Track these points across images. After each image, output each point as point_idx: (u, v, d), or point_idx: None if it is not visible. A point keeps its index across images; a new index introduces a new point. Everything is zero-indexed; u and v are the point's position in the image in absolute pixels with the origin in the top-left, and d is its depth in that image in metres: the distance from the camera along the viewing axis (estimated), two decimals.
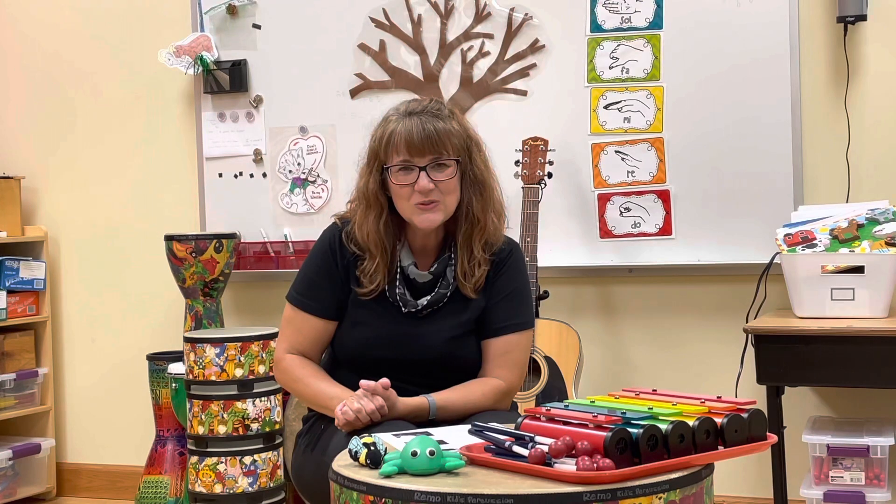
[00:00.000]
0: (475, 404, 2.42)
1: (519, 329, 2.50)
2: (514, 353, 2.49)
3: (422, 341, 2.45)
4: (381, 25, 3.90)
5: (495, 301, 2.49)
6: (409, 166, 2.38)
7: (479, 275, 2.46)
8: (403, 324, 2.46)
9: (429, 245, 2.50)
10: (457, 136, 2.40)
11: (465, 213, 2.44)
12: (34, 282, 4.26)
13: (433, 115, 2.40)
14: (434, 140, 2.36)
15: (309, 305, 2.51)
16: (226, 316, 4.08)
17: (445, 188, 2.38)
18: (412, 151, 2.37)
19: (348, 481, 1.83)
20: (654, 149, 3.61)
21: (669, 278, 3.67)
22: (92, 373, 4.41)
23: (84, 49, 4.36)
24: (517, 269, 2.53)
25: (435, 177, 2.37)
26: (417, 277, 2.47)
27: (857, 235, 3.14)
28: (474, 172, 2.44)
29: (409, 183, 2.38)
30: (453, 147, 2.39)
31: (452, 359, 2.47)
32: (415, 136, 2.36)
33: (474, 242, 2.45)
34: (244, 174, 4.10)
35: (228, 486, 3.24)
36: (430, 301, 2.46)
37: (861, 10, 3.35)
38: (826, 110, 3.49)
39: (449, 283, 2.47)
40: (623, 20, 3.63)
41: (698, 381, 3.62)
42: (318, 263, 2.53)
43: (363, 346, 2.47)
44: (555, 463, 1.76)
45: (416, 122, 2.38)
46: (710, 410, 1.91)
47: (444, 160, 2.38)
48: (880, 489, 3.10)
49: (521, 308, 2.52)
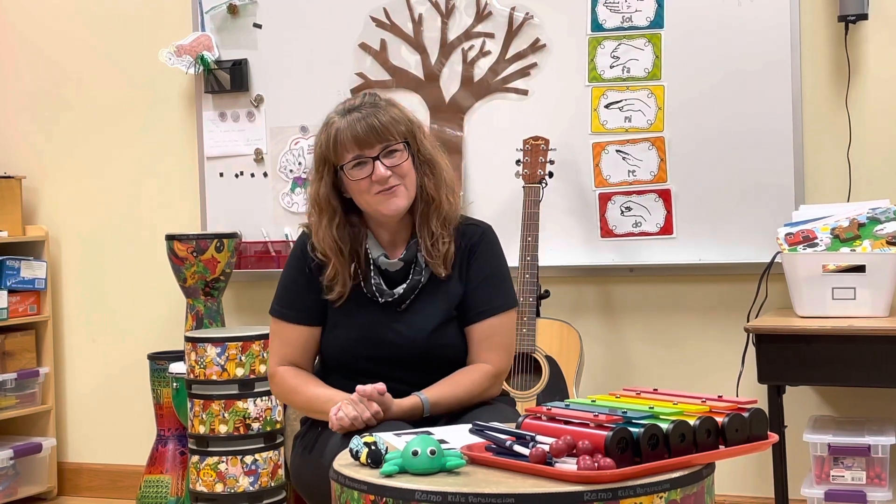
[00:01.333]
0: (467, 393, 2.44)
1: (500, 311, 2.51)
2: (497, 335, 2.51)
3: (404, 335, 2.47)
4: (382, 25, 3.90)
5: (474, 286, 2.51)
6: (361, 160, 2.42)
7: (443, 250, 2.48)
8: (383, 320, 2.48)
9: (398, 239, 2.52)
10: (399, 121, 2.45)
11: (420, 192, 2.48)
12: (35, 281, 4.27)
13: (371, 106, 2.45)
14: (378, 129, 2.41)
15: (290, 315, 2.53)
16: (227, 315, 4.08)
17: (401, 171, 2.43)
18: (361, 145, 2.41)
19: (349, 481, 1.83)
20: (655, 148, 3.61)
21: (670, 278, 3.67)
22: (93, 372, 4.41)
23: (85, 49, 4.36)
24: (491, 252, 2.56)
25: (389, 163, 2.42)
26: (389, 267, 2.49)
27: (858, 235, 3.14)
28: (422, 153, 2.49)
29: (365, 176, 2.42)
30: (398, 132, 2.44)
31: (437, 349, 2.48)
32: (359, 130, 2.41)
33: (431, 220, 2.48)
34: (245, 174, 4.10)
35: (229, 486, 3.24)
36: (407, 288, 2.48)
37: (862, 9, 3.35)
38: (827, 109, 3.49)
39: (422, 269, 2.49)
40: (624, 19, 3.63)
41: (699, 380, 3.62)
42: (292, 273, 2.57)
43: (347, 347, 2.49)
44: (556, 462, 1.76)
45: (357, 116, 2.42)
46: (711, 410, 1.91)
47: (392, 146, 2.42)
48: (881, 488, 3.10)
49: (500, 290, 2.54)
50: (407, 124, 2.47)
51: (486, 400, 2.50)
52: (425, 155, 2.49)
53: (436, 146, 2.54)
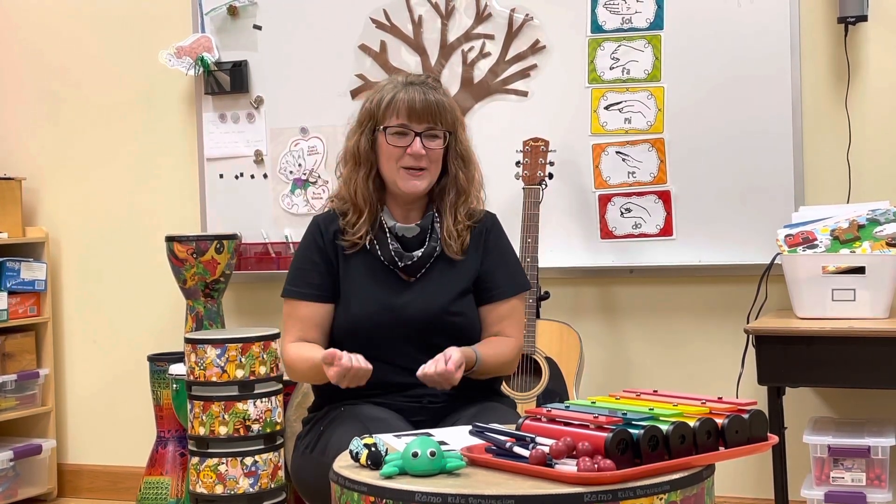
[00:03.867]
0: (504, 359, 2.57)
1: (521, 290, 2.66)
2: (517, 312, 2.65)
3: (419, 304, 2.53)
4: (382, 26, 3.90)
5: (494, 266, 2.62)
6: (405, 131, 2.51)
7: (462, 237, 2.58)
8: (399, 289, 2.54)
9: (410, 215, 2.60)
10: (450, 111, 2.56)
11: (453, 182, 2.59)
12: (35, 283, 4.27)
13: (432, 87, 2.55)
14: (434, 110, 2.51)
15: (302, 293, 2.58)
16: (227, 317, 4.08)
17: (433, 157, 2.53)
18: (412, 117, 2.51)
19: (349, 482, 1.83)
20: (655, 149, 3.61)
21: (670, 279, 3.67)
22: (93, 374, 4.41)
23: (85, 50, 4.36)
24: (505, 237, 2.70)
25: (427, 144, 2.51)
26: (405, 233, 2.56)
27: (857, 236, 3.14)
28: (460, 147, 2.59)
29: (402, 145, 2.50)
30: (446, 121, 2.54)
31: (451, 317, 2.54)
32: (417, 103, 2.50)
33: (459, 209, 2.59)
34: (245, 175, 4.10)
35: (229, 487, 3.24)
36: (424, 253, 2.55)
37: (862, 10, 3.35)
38: (827, 111, 3.49)
39: (437, 238, 2.58)
40: (624, 21, 3.63)
41: (699, 381, 3.62)
42: (304, 252, 2.63)
43: (360, 316, 2.53)
44: (556, 464, 1.77)
45: (419, 90, 2.52)
46: (711, 411, 1.91)
47: (436, 131, 2.52)
48: (881, 490, 3.10)
49: (518, 271, 2.69)
50: (454, 116, 2.58)
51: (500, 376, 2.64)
52: (462, 149, 2.60)
53: (471, 145, 2.65)
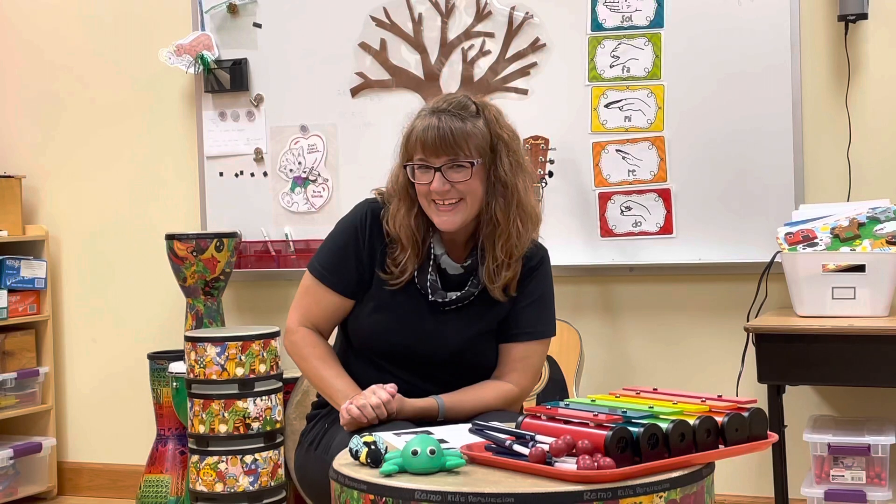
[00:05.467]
0: (485, 407, 2.42)
1: (541, 336, 2.50)
2: (531, 359, 2.49)
3: (442, 335, 2.44)
4: (382, 24, 3.90)
5: (522, 305, 2.47)
6: (425, 165, 2.36)
7: (504, 279, 2.42)
8: (426, 316, 2.44)
9: (458, 239, 2.46)
10: (477, 136, 2.36)
11: (485, 214, 2.39)
12: (35, 281, 4.26)
13: (455, 114, 2.35)
14: (448, 142, 2.33)
15: (330, 280, 2.48)
16: (227, 315, 4.08)
17: (464, 188, 2.35)
18: (427, 152, 2.34)
19: (349, 480, 1.83)
20: (655, 147, 3.61)
21: (670, 277, 3.67)
22: (93, 372, 4.41)
23: (84, 48, 4.36)
24: (546, 277, 2.52)
25: (451, 177, 2.34)
26: (450, 269, 2.44)
27: (858, 234, 3.14)
28: (497, 173, 2.39)
29: (425, 182, 2.36)
30: (472, 147, 2.35)
31: (469, 356, 2.46)
32: (429, 137, 2.33)
33: (497, 245, 2.40)
34: (245, 173, 4.09)
35: (229, 485, 3.24)
36: (460, 297, 2.44)
37: (862, 8, 3.35)
38: (827, 109, 3.49)
39: (479, 282, 2.44)
40: (624, 19, 3.63)
41: (699, 379, 3.62)
42: (345, 239, 2.49)
43: (382, 331, 2.45)
44: (555, 462, 1.76)
45: (435, 121, 2.34)
46: (711, 409, 1.91)
47: (460, 161, 2.34)
48: (881, 488, 3.10)
49: (545, 315, 2.51)
50: (487, 139, 2.38)
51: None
52: (500, 175, 2.38)
53: (519, 168, 2.42)
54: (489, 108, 2.43)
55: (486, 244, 2.42)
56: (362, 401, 2.31)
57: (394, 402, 2.32)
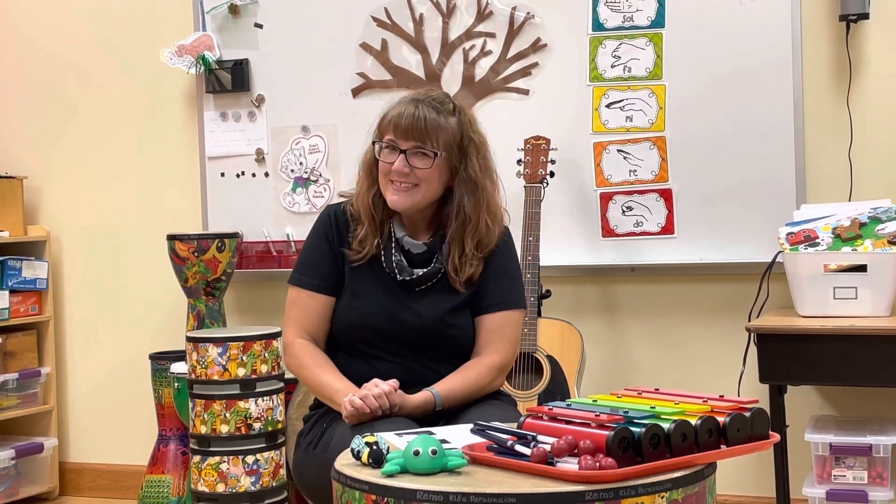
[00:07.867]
0: (476, 386, 2.51)
1: (513, 307, 2.59)
2: (508, 328, 2.58)
3: (418, 314, 2.52)
4: (383, 25, 3.90)
5: (490, 279, 2.57)
6: (393, 146, 2.49)
7: (469, 272, 2.54)
8: (401, 296, 2.54)
9: (417, 223, 2.59)
10: (448, 131, 2.50)
11: (457, 210, 2.53)
12: (36, 281, 4.26)
13: (432, 106, 2.51)
14: (420, 129, 2.47)
15: (309, 283, 2.59)
16: (228, 315, 4.08)
17: (423, 175, 2.48)
18: (397, 134, 2.49)
19: (351, 480, 1.83)
20: (657, 147, 3.61)
21: (671, 277, 3.67)
22: (94, 372, 4.41)
23: (86, 48, 4.36)
24: (510, 252, 2.64)
25: (413, 162, 2.48)
26: (413, 248, 2.56)
27: (859, 234, 3.14)
28: (468, 172, 2.52)
29: (388, 161, 2.49)
30: (441, 140, 2.48)
31: (447, 330, 2.53)
32: (402, 121, 2.48)
33: (466, 240, 2.54)
34: (246, 173, 4.10)
35: (231, 486, 3.24)
36: (428, 272, 2.54)
37: (863, 8, 3.35)
38: (828, 109, 3.49)
39: (444, 259, 2.55)
40: (625, 19, 3.63)
41: (700, 380, 3.62)
42: (314, 241, 2.63)
43: (361, 317, 2.54)
44: (557, 462, 1.77)
45: (412, 108, 2.48)
46: (713, 409, 1.91)
47: (426, 149, 2.47)
48: (883, 488, 3.10)
49: (514, 287, 2.63)
50: (457, 137, 2.52)
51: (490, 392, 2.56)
52: (470, 174, 2.53)
53: (488, 171, 2.57)
54: (466, 112, 2.59)
55: (455, 238, 2.54)
56: (364, 392, 2.38)
57: (395, 395, 2.39)
